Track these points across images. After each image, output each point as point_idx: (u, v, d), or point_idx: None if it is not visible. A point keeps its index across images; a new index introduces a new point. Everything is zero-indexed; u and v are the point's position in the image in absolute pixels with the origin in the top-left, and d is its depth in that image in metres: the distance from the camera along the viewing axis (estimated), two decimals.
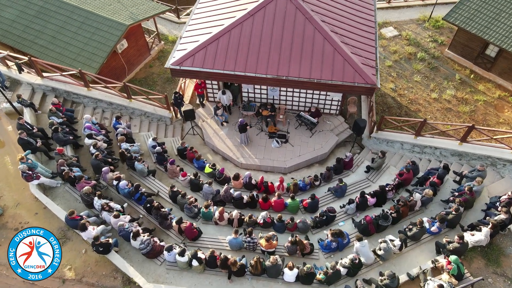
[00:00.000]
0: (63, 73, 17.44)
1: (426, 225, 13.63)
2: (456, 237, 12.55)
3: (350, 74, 16.00)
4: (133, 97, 18.26)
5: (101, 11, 22.16)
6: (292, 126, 18.60)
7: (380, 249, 13.11)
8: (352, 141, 18.48)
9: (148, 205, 14.33)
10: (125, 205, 14.74)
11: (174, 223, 14.02)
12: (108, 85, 17.58)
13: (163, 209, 14.50)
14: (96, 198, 13.86)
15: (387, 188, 15.18)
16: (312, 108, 18.02)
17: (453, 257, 11.97)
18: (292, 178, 16.93)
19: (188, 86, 20.57)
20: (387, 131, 17.83)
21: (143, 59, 24.35)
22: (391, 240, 13.41)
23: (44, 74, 17.88)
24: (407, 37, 25.52)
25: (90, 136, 15.82)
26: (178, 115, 19.19)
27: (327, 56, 16.29)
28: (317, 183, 16.43)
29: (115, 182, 14.92)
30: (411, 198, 14.52)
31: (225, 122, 18.66)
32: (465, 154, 16.24)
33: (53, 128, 15.31)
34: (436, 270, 12.63)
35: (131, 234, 13.03)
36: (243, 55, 16.54)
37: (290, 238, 13.45)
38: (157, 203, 14.28)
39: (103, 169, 14.99)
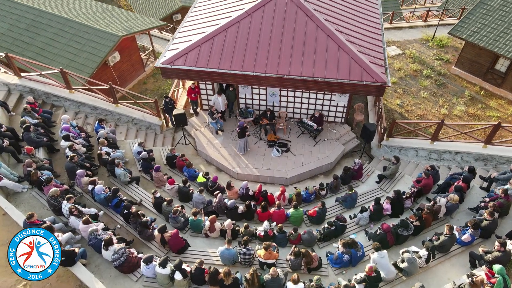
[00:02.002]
0: (43, 73, 15.42)
1: (456, 234, 11.05)
2: (496, 244, 9.94)
3: (357, 72, 14.04)
4: (119, 101, 16.18)
5: (94, 23, 20.68)
6: (294, 134, 16.36)
7: (403, 261, 10.45)
8: (361, 150, 16.16)
9: (126, 211, 11.83)
10: (100, 213, 12.23)
11: (156, 232, 11.44)
12: (92, 87, 15.55)
13: (144, 218, 11.99)
14: (65, 201, 11.39)
15: (404, 196, 12.75)
16: (315, 113, 15.85)
17: (497, 267, 9.30)
18: (294, 187, 14.47)
19: (181, 95, 18.55)
20: (399, 137, 15.58)
21: (137, 75, 22.56)
22: (415, 252, 10.79)
23: (22, 74, 15.87)
24: (411, 55, 23.88)
25: (67, 138, 13.56)
26: (169, 124, 17.02)
27: (332, 55, 14.41)
28: (323, 192, 13.96)
29: (90, 187, 12.50)
30: (435, 203, 12.00)
31: (220, 130, 16.46)
32: (491, 157, 13.87)
33: (24, 126, 13.10)
34: (474, 286, 9.90)
35: (103, 243, 10.46)
36: (240, 54, 14.67)
37: (293, 247, 10.86)
38: (135, 209, 11.80)
39: (78, 171, 12.59)
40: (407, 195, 12.73)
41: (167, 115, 16.61)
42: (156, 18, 29.07)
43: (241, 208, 12.92)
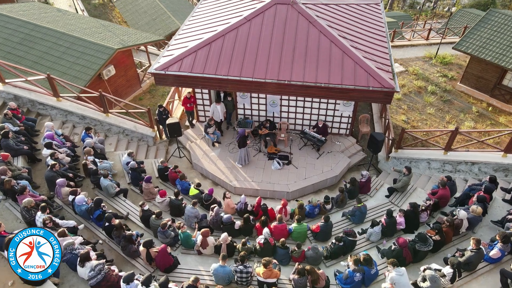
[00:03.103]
0: (29, 78, 14.22)
1: (482, 249, 9.48)
2: None
3: (363, 78, 12.85)
4: (110, 110, 14.91)
5: (89, 37, 19.76)
6: (296, 146, 15.00)
7: (424, 280, 8.84)
8: (367, 163, 14.76)
9: (107, 224, 10.30)
10: (80, 226, 10.72)
11: (141, 247, 9.88)
12: (82, 95, 14.33)
13: (129, 232, 10.47)
14: (39, 213, 9.89)
15: (420, 209, 11.25)
16: (319, 123, 14.54)
17: None
18: (297, 200, 13.01)
19: (176, 107, 17.31)
20: (409, 148, 14.22)
21: (133, 91, 21.46)
22: (437, 270, 9.19)
23: (6, 80, 14.65)
24: (414, 72, 22.85)
25: (49, 146, 12.16)
26: (163, 136, 15.68)
27: (335, 60, 13.29)
28: (328, 206, 12.47)
29: (71, 198, 11.03)
30: (455, 216, 10.49)
31: (217, 142, 15.10)
32: None
33: (2, 132, 11.75)
34: None
35: (78, 258, 8.91)
36: (239, 60, 13.55)
37: (296, 265, 9.30)
38: (119, 221, 10.29)
39: (58, 180, 11.13)
40: (423, 208, 11.23)
41: (161, 126, 15.30)
42: None
43: (238, 223, 11.42)
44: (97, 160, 12.74)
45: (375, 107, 17.80)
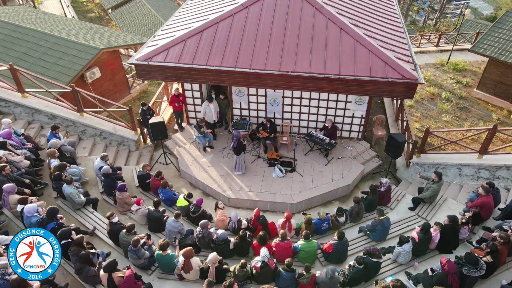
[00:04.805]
0: None
1: None
2: None
3: (379, 68, 10.64)
4: (85, 110, 12.58)
5: (73, 37, 17.66)
6: (300, 151, 12.58)
7: None
8: (385, 170, 12.31)
9: (63, 241, 7.76)
10: None
11: (102, 272, 7.34)
12: (50, 90, 12.03)
13: (92, 251, 7.95)
14: None
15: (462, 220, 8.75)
16: (327, 123, 12.13)
17: None
18: (303, 213, 10.52)
19: (165, 110, 14.96)
20: (435, 152, 11.82)
21: (121, 97, 19.15)
22: None
23: None
24: (426, 79, 20.62)
25: (2, 146, 9.78)
26: (148, 140, 13.29)
27: (347, 49, 11.13)
28: (342, 219, 9.95)
29: (19, 207, 8.54)
30: (510, 231, 7.98)
31: (209, 147, 12.70)
32: None
33: None
34: None
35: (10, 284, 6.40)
36: (234, 49, 11.37)
37: None
38: (79, 236, 7.79)
39: (5, 186, 8.68)
40: (463, 221, 8.72)
41: (145, 129, 12.92)
42: None
43: (232, 240, 8.90)
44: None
45: (389, 109, 15.46)
